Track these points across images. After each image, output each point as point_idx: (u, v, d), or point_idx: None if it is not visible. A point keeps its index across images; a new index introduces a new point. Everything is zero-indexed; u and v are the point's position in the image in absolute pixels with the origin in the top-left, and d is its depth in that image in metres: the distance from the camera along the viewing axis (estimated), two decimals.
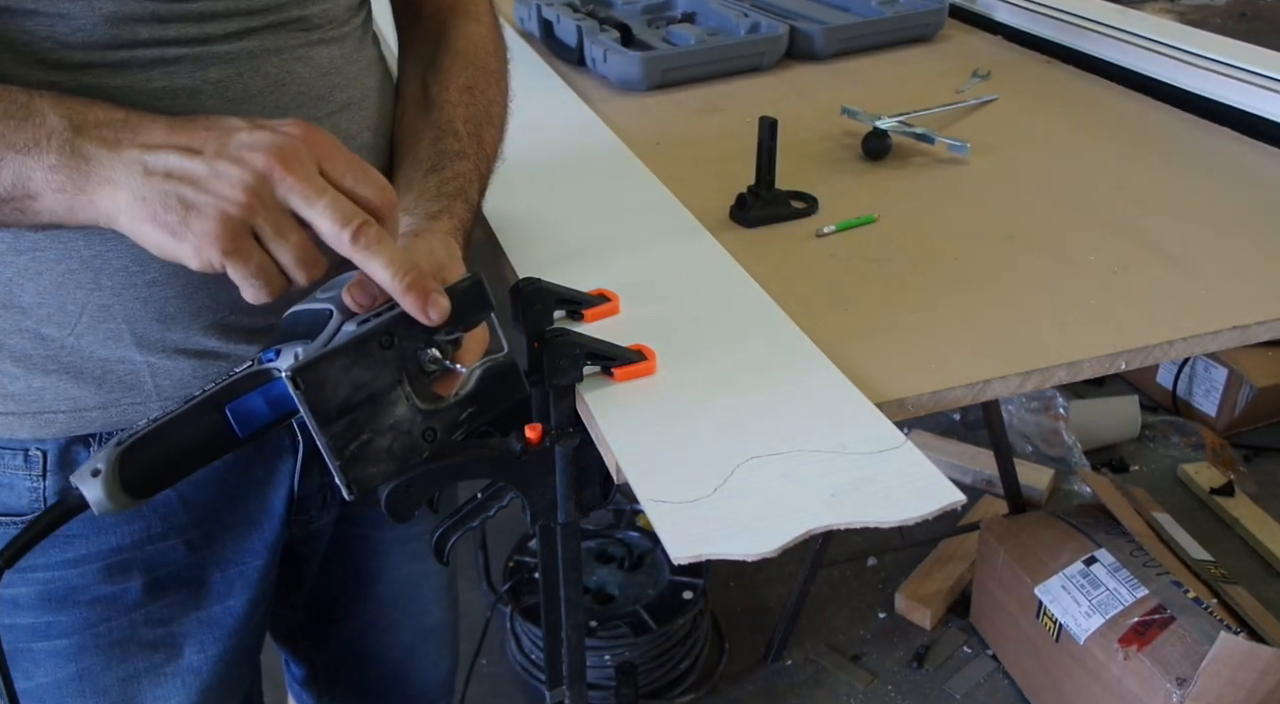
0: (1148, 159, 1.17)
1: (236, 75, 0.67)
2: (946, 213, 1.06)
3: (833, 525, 0.62)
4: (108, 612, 0.79)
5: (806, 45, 1.51)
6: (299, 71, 0.71)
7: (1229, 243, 0.99)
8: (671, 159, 1.18)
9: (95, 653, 0.79)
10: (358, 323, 0.59)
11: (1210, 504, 2.19)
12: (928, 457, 0.67)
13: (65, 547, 0.75)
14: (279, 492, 0.84)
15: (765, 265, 0.92)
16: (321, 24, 0.73)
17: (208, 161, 0.54)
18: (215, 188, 0.53)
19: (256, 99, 0.68)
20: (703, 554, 0.60)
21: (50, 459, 0.73)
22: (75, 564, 0.76)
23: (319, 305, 0.61)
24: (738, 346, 0.80)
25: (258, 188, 0.54)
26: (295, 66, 0.70)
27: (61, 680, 0.80)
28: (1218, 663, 1.40)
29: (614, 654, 1.67)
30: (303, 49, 0.71)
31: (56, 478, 0.74)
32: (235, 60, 0.67)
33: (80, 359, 0.70)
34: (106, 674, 0.80)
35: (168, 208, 0.54)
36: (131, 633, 0.80)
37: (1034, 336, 0.84)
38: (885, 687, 1.84)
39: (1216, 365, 2.39)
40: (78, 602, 0.78)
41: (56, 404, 0.71)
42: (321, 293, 0.62)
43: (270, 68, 0.69)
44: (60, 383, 0.70)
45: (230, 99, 0.67)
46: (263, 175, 0.54)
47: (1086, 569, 1.64)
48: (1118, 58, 1.41)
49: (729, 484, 0.65)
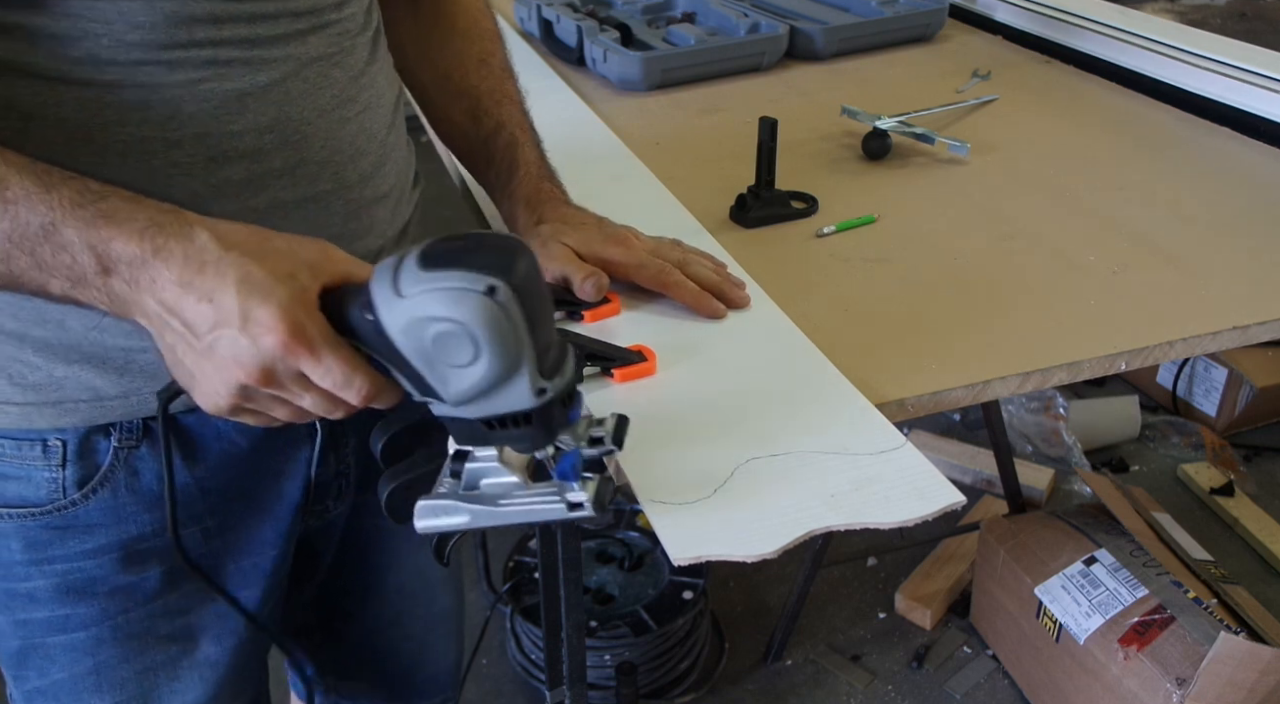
0: (1148, 159, 1.17)
1: (281, 80, 0.69)
2: (946, 213, 1.06)
3: (833, 526, 0.62)
4: (126, 602, 0.79)
5: (806, 45, 1.51)
6: (334, 75, 0.73)
7: (1229, 243, 0.99)
8: (671, 159, 1.18)
9: (113, 645, 0.80)
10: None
11: (1210, 504, 2.19)
12: (927, 457, 0.67)
13: (85, 536, 0.76)
14: (295, 481, 0.84)
15: (765, 265, 0.92)
16: (352, 28, 0.75)
17: (204, 354, 0.57)
18: (209, 380, 0.58)
19: (297, 102, 0.70)
20: (703, 555, 0.60)
21: (70, 449, 0.74)
22: (95, 554, 0.77)
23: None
24: (737, 347, 0.80)
25: (242, 393, 0.58)
26: (332, 71, 0.73)
27: (78, 675, 0.80)
28: (1218, 663, 1.40)
29: (614, 654, 1.67)
30: (337, 54, 0.73)
31: (76, 467, 0.74)
32: (281, 64, 0.69)
33: (103, 349, 0.71)
34: (124, 667, 0.81)
35: (175, 369, 0.60)
36: (150, 625, 0.81)
37: (1033, 337, 0.84)
38: (885, 687, 1.84)
39: (1216, 365, 2.39)
40: (96, 593, 0.78)
41: (78, 393, 0.72)
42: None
43: (311, 73, 0.71)
44: (82, 372, 0.71)
45: (274, 102, 0.69)
46: (244, 386, 0.57)
47: (1086, 569, 1.64)
48: (1118, 58, 1.41)
49: (728, 485, 0.65)
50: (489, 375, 0.54)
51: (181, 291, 0.56)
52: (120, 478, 0.75)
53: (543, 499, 0.61)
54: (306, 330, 0.55)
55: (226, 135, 0.67)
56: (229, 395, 0.58)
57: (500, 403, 0.56)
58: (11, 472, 0.74)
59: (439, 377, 0.55)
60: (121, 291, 0.57)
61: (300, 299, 0.56)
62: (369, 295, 0.55)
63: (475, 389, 0.55)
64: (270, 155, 0.69)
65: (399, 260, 0.54)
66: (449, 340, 0.53)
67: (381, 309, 0.54)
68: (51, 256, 0.56)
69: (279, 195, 0.71)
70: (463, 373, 0.55)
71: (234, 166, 0.68)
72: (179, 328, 0.57)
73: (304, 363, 0.56)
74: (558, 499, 0.60)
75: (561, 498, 0.60)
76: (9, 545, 0.76)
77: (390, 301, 0.54)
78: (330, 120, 0.73)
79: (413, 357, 0.55)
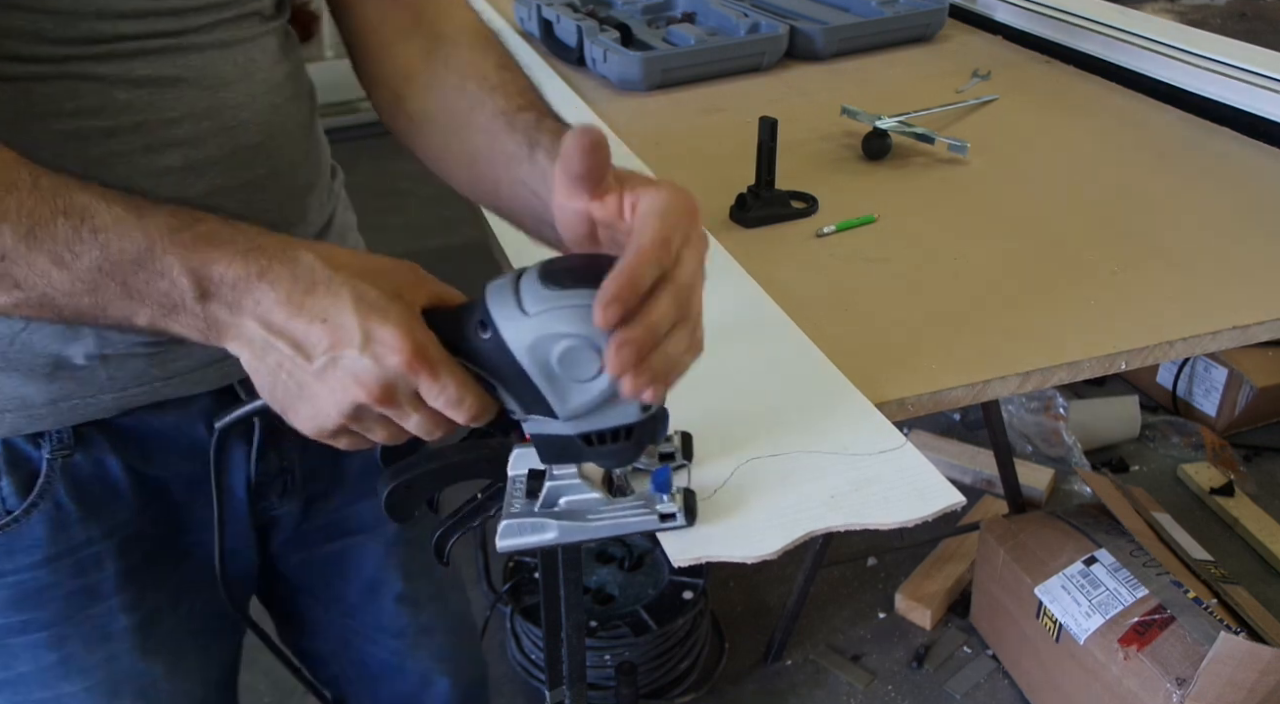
0: (1147, 159, 1.17)
1: (211, 63, 0.69)
2: (946, 213, 1.06)
3: (832, 527, 0.62)
4: (84, 601, 0.78)
5: (806, 45, 1.51)
6: (259, 59, 0.73)
7: (1228, 243, 0.99)
8: (671, 159, 1.18)
9: (77, 640, 0.79)
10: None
11: (1210, 504, 2.19)
12: (927, 456, 0.67)
13: (32, 550, 0.75)
14: (238, 475, 0.84)
15: (765, 265, 0.92)
16: (269, 15, 0.75)
17: (317, 375, 0.55)
18: (319, 402, 0.56)
19: (231, 86, 0.70)
20: (703, 557, 0.60)
21: (0, 460, 0.72)
22: (45, 564, 0.76)
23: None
24: (737, 347, 0.80)
25: (355, 413, 0.56)
26: (256, 54, 0.73)
27: (45, 667, 0.79)
28: (1218, 663, 1.40)
29: (614, 654, 1.67)
30: (261, 38, 0.74)
31: (10, 479, 0.73)
32: (210, 49, 0.69)
33: (31, 356, 0.69)
34: (89, 656, 0.80)
35: (274, 391, 0.58)
36: (110, 619, 0.80)
37: (1033, 337, 0.84)
38: (885, 687, 1.84)
39: (1216, 365, 2.39)
40: (53, 598, 0.77)
41: (4, 403, 0.70)
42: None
43: (239, 56, 0.71)
44: (9, 381, 0.69)
45: (208, 87, 0.69)
46: (361, 406, 0.56)
47: (1086, 569, 1.64)
48: (1117, 58, 1.41)
49: (728, 486, 0.65)
50: (608, 390, 0.56)
51: (291, 312, 0.55)
52: (59, 488, 0.74)
53: (633, 512, 0.63)
54: (428, 350, 0.55)
55: (161, 123, 0.67)
56: (340, 416, 0.57)
57: (608, 418, 0.58)
58: None
59: (559, 392, 0.57)
60: (220, 316, 0.56)
61: (414, 318, 0.56)
62: (486, 313, 0.56)
63: (592, 404, 0.57)
64: (206, 142, 0.69)
65: (515, 280, 0.56)
66: (576, 356, 0.55)
67: (504, 327, 0.55)
68: (145, 284, 0.55)
69: (216, 181, 0.70)
70: (585, 387, 0.56)
71: (171, 154, 0.68)
72: (286, 350, 0.55)
73: (424, 381, 0.55)
74: (648, 511, 0.62)
75: (652, 510, 0.62)
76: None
77: (516, 319, 0.55)
78: (261, 106, 0.72)
79: (535, 373, 0.56)
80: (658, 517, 0.62)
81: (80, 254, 0.54)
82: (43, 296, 0.55)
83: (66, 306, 0.56)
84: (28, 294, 0.55)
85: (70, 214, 0.54)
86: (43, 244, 0.54)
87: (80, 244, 0.54)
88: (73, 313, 0.56)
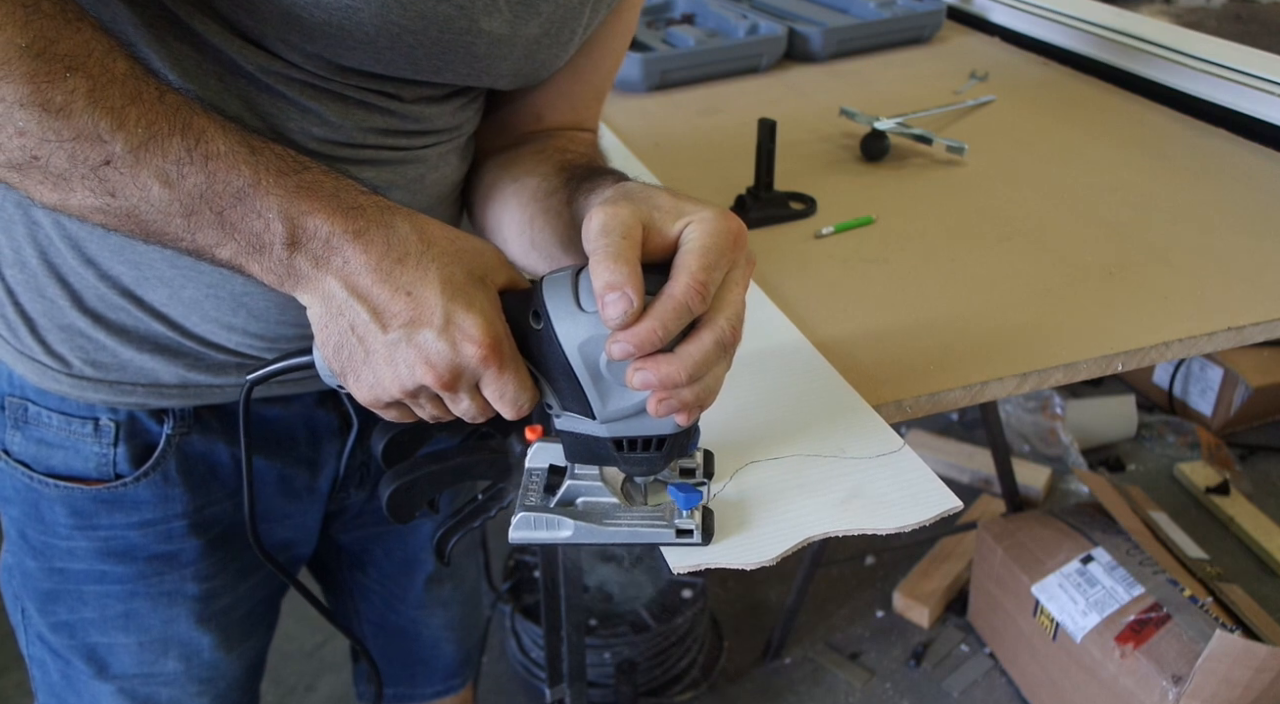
0: (1144, 160, 1.18)
1: (420, 176, 0.73)
2: (944, 213, 1.07)
3: (830, 533, 0.62)
4: (162, 567, 0.82)
5: (805, 47, 1.52)
6: (452, 159, 0.76)
7: (1225, 244, 0.99)
8: (671, 160, 1.18)
9: (145, 599, 0.83)
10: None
11: (1206, 503, 2.19)
12: (925, 456, 0.68)
13: (131, 512, 0.78)
14: (327, 472, 0.87)
15: (764, 266, 0.93)
16: (460, 135, 0.77)
17: (389, 345, 0.55)
18: (381, 371, 0.56)
19: (429, 190, 0.74)
20: (702, 565, 0.60)
21: (123, 429, 0.76)
22: (138, 527, 0.79)
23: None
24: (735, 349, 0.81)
25: (415, 391, 0.57)
26: (445, 169, 0.76)
27: (109, 617, 0.83)
28: (1213, 661, 1.41)
29: (614, 652, 1.67)
30: (450, 154, 0.76)
31: (128, 447, 0.76)
32: (422, 162, 0.72)
33: (182, 346, 0.72)
34: (152, 616, 0.84)
35: (339, 351, 0.57)
36: (180, 586, 0.84)
37: (1031, 338, 0.85)
38: (883, 685, 1.84)
39: (1212, 365, 2.39)
40: (135, 558, 0.81)
41: (137, 377, 0.73)
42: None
43: (441, 168, 0.75)
44: (149, 361, 0.72)
45: (411, 191, 0.72)
46: (423, 386, 0.56)
47: (1083, 568, 1.65)
48: (1114, 59, 1.42)
49: (726, 490, 0.66)
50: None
51: (378, 279, 0.55)
52: (171, 463, 0.78)
53: (650, 523, 0.62)
54: (504, 346, 0.55)
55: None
56: (399, 391, 0.56)
57: (644, 426, 0.57)
58: (58, 441, 0.76)
59: (602, 393, 0.56)
60: (302, 267, 0.55)
61: (496, 308, 0.56)
62: (541, 304, 0.55)
63: (634, 409, 0.56)
64: None
65: (574, 274, 0.55)
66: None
67: (558, 321, 0.54)
68: (240, 219, 0.54)
69: None
70: (629, 393, 0.55)
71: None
72: (364, 314, 0.55)
73: (491, 376, 0.56)
74: (666, 524, 0.62)
75: (669, 523, 0.62)
76: (54, 508, 0.78)
77: (571, 314, 0.54)
78: (436, 213, 0.75)
79: (581, 371, 0.55)
80: (674, 531, 0.61)
81: (186, 176, 0.53)
82: (132, 209, 0.54)
83: (152, 223, 0.55)
84: (118, 203, 0.54)
85: (187, 134, 0.53)
86: (152, 158, 0.52)
87: (190, 165, 0.53)
88: (156, 230, 0.55)
